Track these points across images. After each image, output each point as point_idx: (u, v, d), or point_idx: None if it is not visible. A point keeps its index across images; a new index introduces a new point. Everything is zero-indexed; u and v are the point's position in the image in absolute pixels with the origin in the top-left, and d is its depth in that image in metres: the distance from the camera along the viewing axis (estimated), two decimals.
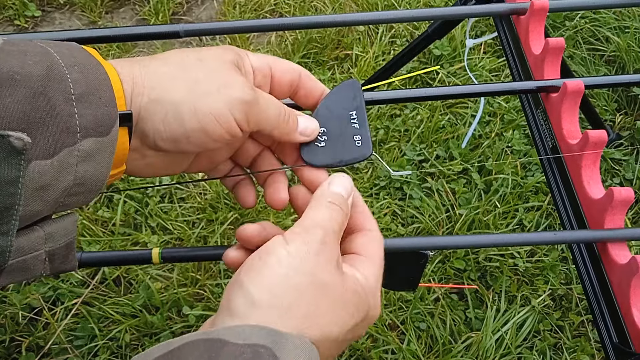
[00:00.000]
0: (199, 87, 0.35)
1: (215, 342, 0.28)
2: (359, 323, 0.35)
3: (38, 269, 0.33)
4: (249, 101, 0.36)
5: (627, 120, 1.41)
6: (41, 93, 0.30)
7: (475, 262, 1.14)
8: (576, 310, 1.10)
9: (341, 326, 0.34)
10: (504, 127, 1.36)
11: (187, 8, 1.66)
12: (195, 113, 0.35)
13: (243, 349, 0.28)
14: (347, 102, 0.43)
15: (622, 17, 1.59)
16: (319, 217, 0.36)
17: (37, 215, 0.32)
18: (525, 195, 1.24)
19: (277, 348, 0.29)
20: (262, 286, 0.32)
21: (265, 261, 0.33)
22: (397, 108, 1.39)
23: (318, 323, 0.32)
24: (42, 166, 0.30)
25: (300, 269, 0.33)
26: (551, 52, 0.61)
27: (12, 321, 1.02)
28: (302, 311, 0.32)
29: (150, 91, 0.35)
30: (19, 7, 1.59)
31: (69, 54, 0.32)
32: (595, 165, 0.55)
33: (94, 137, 0.32)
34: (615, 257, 0.50)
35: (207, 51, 0.37)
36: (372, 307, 0.37)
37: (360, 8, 1.61)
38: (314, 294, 0.32)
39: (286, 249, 0.34)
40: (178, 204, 1.20)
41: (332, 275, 0.34)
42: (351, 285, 0.35)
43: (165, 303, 1.05)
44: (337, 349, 0.34)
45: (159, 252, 0.48)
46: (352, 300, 0.35)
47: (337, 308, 0.33)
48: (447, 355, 1.02)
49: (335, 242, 0.35)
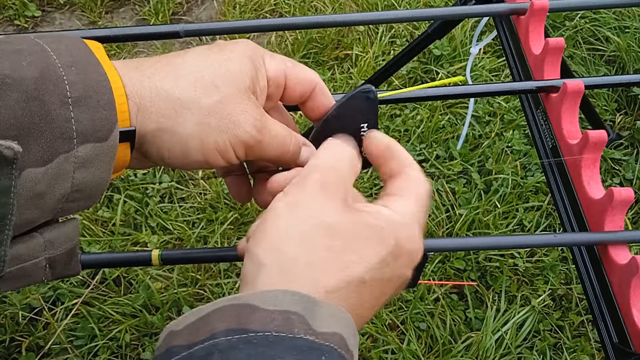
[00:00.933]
0: (209, 120, 0.34)
1: (245, 308, 0.27)
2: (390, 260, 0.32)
3: (39, 275, 0.32)
4: (252, 145, 0.35)
5: (627, 120, 1.41)
6: (35, 97, 0.28)
7: (475, 262, 1.14)
8: (576, 310, 1.10)
9: (363, 264, 0.31)
10: (504, 127, 1.36)
11: (187, 8, 1.66)
12: (202, 148, 0.34)
13: (274, 315, 0.27)
14: (359, 114, 0.40)
15: (622, 17, 1.59)
16: (318, 160, 0.35)
17: (34, 222, 0.31)
18: (525, 195, 1.24)
19: (309, 315, 0.28)
20: (265, 244, 0.31)
21: (265, 219, 0.32)
22: (397, 108, 1.39)
23: (333, 267, 0.30)
24: (37, 174, 0.29)
25: (299, 217, 0.31)
26: (551, 52, 0.61)
27: (12, 321, 1.02)
28: (312, 258, 0.30)
29: (159, 118, 0.33)
30: (19, 7, 1.59)
31: (67, 51, 0.31)
32: (595, 165, 0.55)
33: (91, 142, 0.30)
34: (615, 258, 0.50)
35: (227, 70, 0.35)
36: (406, 241, 0.33)
37: (360, 8, 1.61)
38: (320, 238, 0.31)
39: (283, 200, 0.32)
40: (178, 204, 1.20)
41: (338, 215, 0.32)
42: (367, 220, 0.32)
43: (165, 303, 1.05)
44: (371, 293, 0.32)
45: (159, 254, 0.48)
46: (370, 234, 0.32)
47: (353, 246, 0.31)
48: (447, 355, 1.02)
49: (339, 181, 0.34)
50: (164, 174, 1.24)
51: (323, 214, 0.32)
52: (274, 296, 0.28)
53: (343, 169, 0.35)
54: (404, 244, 0.33)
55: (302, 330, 0.27)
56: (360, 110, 0.40)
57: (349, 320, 0.29)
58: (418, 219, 0.35)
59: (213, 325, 0.27)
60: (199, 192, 1.22)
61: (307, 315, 0.27)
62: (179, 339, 0.27)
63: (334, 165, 0.34)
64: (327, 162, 0.35)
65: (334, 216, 0.32)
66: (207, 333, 0.26)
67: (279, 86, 0.38)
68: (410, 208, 0.35)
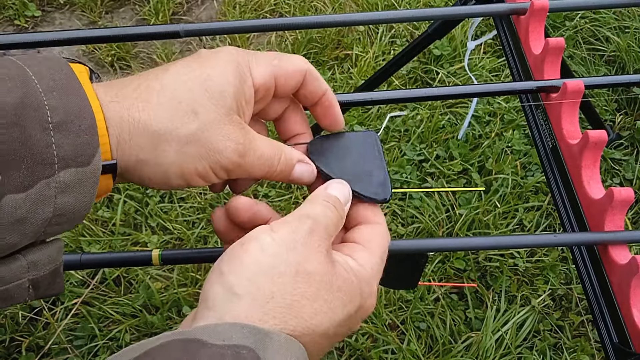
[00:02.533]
0: (189, 149, 0.34)
1: (192, 343, 0.26)
2: (353, 314, 0.33)
3: (22, 296, 0.32)
4: (232, 169, 0.35)
5: (627, 120, 1.41)
6: (15, 123, 0.28)
7: (475, 262, 1.14)
8: (576, 310, 1.10)
9: (331, 317, 0.31)
10: (504, 127, 1.36)
11: (187, 8, 1.66)
12: (182, 174, 0.34)
13: (223, 350, 0.26)
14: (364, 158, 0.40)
15: (622, 17, 1.59)
16: (313, 211, 0.34)
17: (16, 246, 0.30)
18: (525, 195, 1.24)
19: (260, 348, 0.27)
20: (243, 275, 0.30)
21: (247, 249, 0.31)
22: (397, 108, 1.39)
23: (304, 314, 0.30)
24: (17, 200, 0.28)
25: (284, 258, 0.31)
26: (551, 52, 0.61)
27: (12, 321, 1.02)
28: (287, 301, 0.30)
29: (139, 151, 0.33)
30: (19, 7, 1.59)
31: (49, 75, 0.30)
32: (595, 165, 0.55)
33: (73, 167, 0.30)
34: (616, 258, 0.50)
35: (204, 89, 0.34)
36: (368, 297, 0.34)
37: (360, 8, 1.61)
38: (299, 283, 0.30)
39: (271, 236, 0.32)
40: (178, 204, 1.20)
41: (320, 265, 0.32)
42: (342, 273, 0.33)
43: (165, 303, 1.05)
44: (328, 342, 0.32)
45: (159, 254, 0.48)
46: (343, 288, 0.32)
47: (326, 297, 0.31)
48: (447, 355, 1.02)
49: (325, 236, 0.33)
50: None
51: (307, 261, 0.31)
52: (223, 330, 0.27)
53: (333, 226, 0.35)
54: (366, 300, 0.34)
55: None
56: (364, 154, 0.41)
57: (300, 349, 0.29)
58: (379, 274, 0.36)
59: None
60: (199, 192, 1.22)
61: (257, 349, 0.27)
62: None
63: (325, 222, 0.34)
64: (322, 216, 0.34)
65: (315, 266, 0.32)
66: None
67: (269, 89, 0.38)
68: (375, 263, 0.35)
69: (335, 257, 0.34)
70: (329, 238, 0.34)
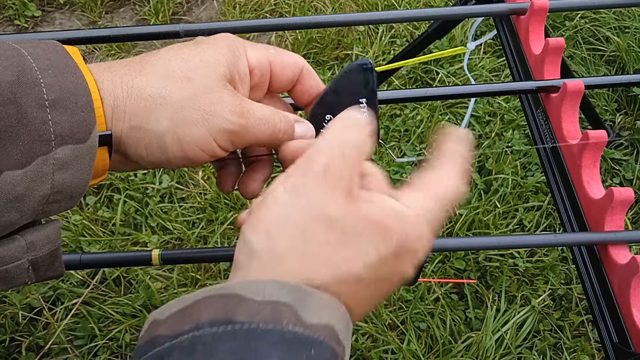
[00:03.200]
0: (184, 115, 0.33)
1: (232, 298, 0.26)
2: (391, 258, 0.30)
3: (22, 277, 0.32)
4: (235, 131, 0.34)
5: (627, 120, 1.41)
6: (11, 101, 0.28)
7: (475, 262, 1.14)
8: (576, 310, 1.10)
9: (362, 262, 0.29)
10: (504, 127, 1.36)
11: (187, 8, 1.66)
12: (179, 142, 0.33)
13: (262, 306, 0.26)
14: (358, 87, 0.38)
15: (622, 17, 1.59)
16: (324, 142, 0.31)
17: (14, 224, 0.31)
18: (525, 195, 1.24)
19: (300, 305, 0.26)
20: (260, 230, 0.29)
21: (262, 203, 0.30)
22: (397, 108, 1.39)
23: (328, 262, 0.28)
24: (14, 176, 0.29)
25: (298, 205, 0.29)
26: (551, 52, 0.61)
27: (12, 321, 1.02)
28: (307, 250, 0.28)
29: (133, 117, 0.33)
30: (19, 7, 1.59)
31: (44, 55, 0.31)
32: (595, 165, 0.55)
33: (70, 144, 0.30)
34: (616, 257, 0.50)
35: (199, 60, 0.35)
36: (412, 238, 0.30)
37: (360, 8, 1.61)
38: (318, 229, 0.29)
39: (283, 185, 0.30)
40: (178, 204, 1.20)
41: (339, 206, 0.29)
42: (372, 213, 0.30)
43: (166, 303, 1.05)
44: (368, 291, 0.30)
45: (159, 254, 0.48)
46: (373, 229, 0.29)
47: (352, 241, 0.29)
48: (447, 355, 1.02)
49: (343, 168, 0.30)
50: (164, 174, 1.24)
51: (324, 204, 0.29)
52: (263, 286, 0.27)
53: (351, 154, 0.30)
54: (409, 243, 0.30)
55: (291, 321, 0.26)
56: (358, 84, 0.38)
57: (341, 311, 0.28)
58: (432, 217, 0.32)
59: (198, 315, 0.26)
60: (199, 192, 1.22)
61: (297, 306, 0.26)
62: (163, 328, 0.26)
63: (342, 150, 0.30)
64: (335, 145, 0.31)
65: (335, 208, 0.29)
66: (192, 323, 0.25)
67: (264, 74, 0.37)
68: (426, 204, 0.31)
69: (370, 198, 0.31)
70: (350, 168, 0.30)
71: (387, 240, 0.29)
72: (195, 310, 0.26)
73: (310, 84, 0.39)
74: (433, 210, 0.32)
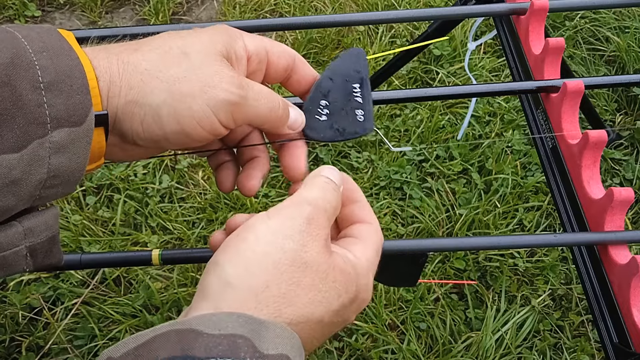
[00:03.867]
0: (180, 87, 0.32)
1: (188, 333, 0.26)
2: (348, 305, 0.33)
3: (20, 264, 0.32)
4: (235, 102, 0.34)
5: (627, 120, 1.41)
6: (5, 83, 0.28)
7: (475, 262, 1.14)
8: (576, 310, 1.10)
9: (326, 306, 0.31)
10: (504, 127, 1.36)
11: (187, 8, 1.66)
12: (176, 116, 0.33)
13: (219, 340, 0.26)
14: (352, 74, 0.40)
15: (622, 17, 1.59)
16: (311, 194, 0.33)
17: (12, 210, 0.30)
18: (525, 195, 1.24)
19: (256, 337, 0.27)
20: (238, 264, 0.30)
21: (243, 238, 0.31)
22: (397, 108, 1.39)
23: (298, 302, 0.30)
24: (10, 160, 0.28)
25: (280, 246, 0.30)
26: (551, 52, 0.61)
27: (12, 321, 1.02)
28: (281, 291, 0.30)
29: (128, 91, 0.32)
30: (19, 7, 1.59)
31: (38, 38, 0.30)
32: (595, 165, 0.55)
33: (66, 127, 0.30)
34: (616, 258, 0.50)
35: (196, 38, 0.35)
36: (363, 290, 0.34)
37: (360, 8, 1.61)
38: (294, 272, 0.30)
39: (267, 224, 0.31)
40: (178, 204, 1.20)
41: (317, 254, 0.31)
42: (339, 264, 0.33)
43: (165, 303, 1.05)
44: (322, 332, 0.32)
45: (159, 254, 0.48)
46: (339, 278, 0.32)
47: (321, 287, 0.31)
48: (447, 355, 1.02)
49: (324, 222, 0.33)
50: (164, 174, 1.24)
51: (303, 250, 0.31)
52: (218, 320, 0.27)
53: (329, 212, 0.34)
54: (361, 292, 0.34)
55: (248, 354, 0.26)
56: (351, 70, 0.40)
57: (295, 339, 0.29)
58: (374, 267, 0.36)
59: (155, 353, 0.26)
60: (199, 192, 1.22)
61: (253, 338, 0.27)
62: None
63: (324, 206, 0.33)
64: (319, 200, 0.33)
65: (313, 255, 0.31)
66: None
67: (261, 61, 0.38)
68: (371, 256, 0.35)
69: (333, 248, 0.34)
70: (328, 224, 0.34)
71: (349, 289, 0.33)
72: (152, 347, 0.26)
73: (305, 70, 0.40)
74: (375, 261, 0.36)
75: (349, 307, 0.33)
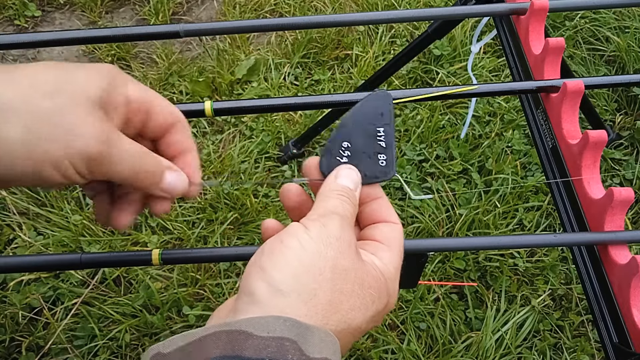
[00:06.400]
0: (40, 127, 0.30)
1: (238, 334, 0.27)
2: (380, 311, 0.34)
3: None
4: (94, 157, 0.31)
5: (627, 120, 1.41)
6: None
7: (475, 262, 1.14)
8: (576, 310, 1.10)
9: (364, 312, 0.33)
10: (504, 127, 1.36)
11: (187, 8, 1.66)
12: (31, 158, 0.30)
13: (267, 342, 0.27)
14: (376, 117, 0.40)
15: (622, 17, 1.59)
16: (331, 205, 0.35)
17: None
18: (525, 195, 1.24)
19: (302, 341, 0.28)
20: (286, 272, 0.31)
21: (287, 245, 0.32)
22: (397, 108, 1.39)
23: (342, 309, 0.31)
24: None
25: (323, 254, 0.32)
26: (551, 52, 0.61)
27: (12, 321, 1.02)
28: (328, 297, 0.31)
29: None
30: (19, 7, 1.59)
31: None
32: (595, 165, 0.55)
33: None
34: (615, 258, 0.50)
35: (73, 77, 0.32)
36: (392, 295, 0.36)
37: (360, 8, 1.61)
38: (337, 279, 0.31)
39: (308, 233, 0.32)
40: (178, 204, 1.20)
41: (352, 261, 0.33)
42: (371, 271, 0.34)
43: (165, 303, 1.05)
44: (355, 337, 0.33)
45: (159, 254, 0.48)
46: (373, 285, 0.33)
47: (359, 293, 0.32)
48: (447, 355, 1.02)
49: (351, 229, 0.35)
50: None
51: (342, 257, 0.32)
52: (267, 323, 0.28)
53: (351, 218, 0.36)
54: (391, 299, 0.35)
55: (295, 356, 0.27)
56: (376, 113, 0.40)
57: (336, 344, 0.30)
58: (399, 271, 0.37)
59: (207, 351, 0.27)
60: (199, 192, 1.22)
61: (299, 341, 0.28)
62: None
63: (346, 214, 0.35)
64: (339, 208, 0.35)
65: (350, 262, 0.32)
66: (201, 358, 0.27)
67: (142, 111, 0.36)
68: (397, 262, 0.36)
69: (362, 255, 0.35)
70: (352, 229, 0.35)
71: (382, 295, 0.34)
72: (204, 345, 0.27)
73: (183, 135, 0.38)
74: (400, 266, 0.37)
75: (381, 312, 0.35)
